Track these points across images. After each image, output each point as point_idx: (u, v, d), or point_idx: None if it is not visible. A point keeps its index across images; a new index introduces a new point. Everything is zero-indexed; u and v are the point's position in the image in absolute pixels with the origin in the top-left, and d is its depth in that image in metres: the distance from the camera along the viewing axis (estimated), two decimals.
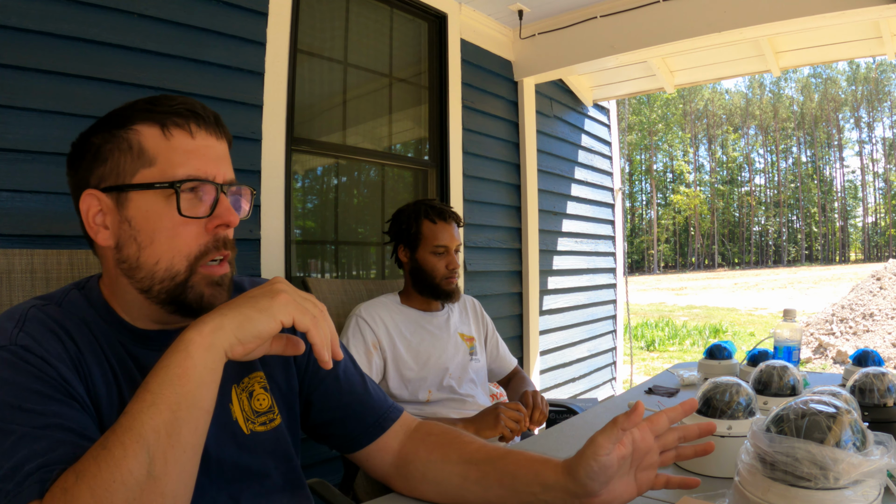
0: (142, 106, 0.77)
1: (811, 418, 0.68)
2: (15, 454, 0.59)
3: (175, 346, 0.65)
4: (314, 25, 2.63)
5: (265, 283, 0.72)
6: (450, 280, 1.81)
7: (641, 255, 57.54)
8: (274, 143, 2.29)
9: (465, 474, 0.83)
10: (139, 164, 0.75)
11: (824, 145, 55.81)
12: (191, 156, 0.76)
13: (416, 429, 0.94)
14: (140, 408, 0.61)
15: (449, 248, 1.81)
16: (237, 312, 0.67)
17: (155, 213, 0.74)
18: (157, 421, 0.60)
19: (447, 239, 1.81)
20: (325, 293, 1.95)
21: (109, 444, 0.58)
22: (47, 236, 1.72)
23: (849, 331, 7.82)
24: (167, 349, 0.65)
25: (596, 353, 4.62)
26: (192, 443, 0.63)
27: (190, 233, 0.75)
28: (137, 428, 0.59)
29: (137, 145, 0.75)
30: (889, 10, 2.62)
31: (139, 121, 0.76)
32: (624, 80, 4.36)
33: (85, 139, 0.79)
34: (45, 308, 0.74)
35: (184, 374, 0.63)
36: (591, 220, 4.64)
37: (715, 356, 1.82)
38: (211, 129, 0.79)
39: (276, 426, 0.87)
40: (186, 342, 0.65)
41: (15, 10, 1.66)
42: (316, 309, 0.71)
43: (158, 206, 0.74)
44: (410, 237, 1.83)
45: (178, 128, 0.76)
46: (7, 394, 0.63)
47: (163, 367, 0.64)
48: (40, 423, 0.62)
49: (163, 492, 0.59)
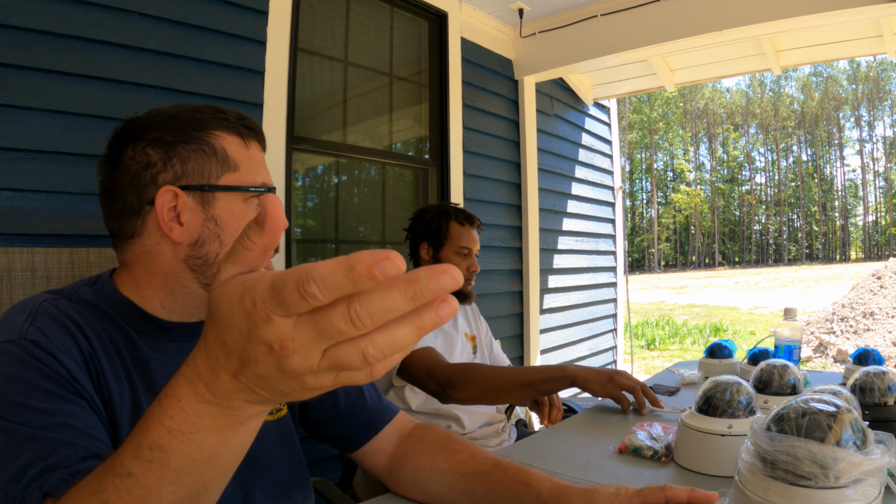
0: (212, 114, 0.81)
1: (812, 417, 0.68)
2: (20, 456, 0.59)
3: (218, 424, 0.44)
4: (314, 24, 2.63)
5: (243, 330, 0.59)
6: (468, 282, 1.87)
7: (642, 254, 57.52)
8: (274, 142, 2.29)
9: (453, 485, 0.84)
10: (224, 168, 0.80)
11: (825, 144, 55.78)
12: (259, 166, 0.84)
13: (410, 433, 0.94)
14: (158, 483, 0.47)
15: (472, 251, 1.87)
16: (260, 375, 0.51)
17: (239, 214, 0.80)
18: (180, 495, 0.48)
19: (472, 241, 1.86)
20: None
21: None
22: (48, 235, 1.72)
23: (849, 329, 7.82)
24: (199, 420, 0.44)
25: (596, 351, 4.62)
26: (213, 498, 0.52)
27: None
28: (154, 502, 0.47)
29: (222, 150, 0.80)
30: (889, 8, 2.61)
31: (218, 127, 0.81)
32: (624, 79, 4.36)
33: (138, 136, 0.79)
34: (56, 302, 0.73)
35: (224, 453, 0.47)
36: (591, 218, 4.64)
37: (715, 355, 1.83)
38: (263, 143, 0.87)
39: (283, 416, 0.88)
40: (235, 420, 0.44)
41: (15, 9, 1.66)
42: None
43: (240, 207, 0.81)
44: (437, 235, 1.86)
45: (252, 140, 0.84)
46: (14, 391, 0.63)
47: (195, 445, 0.45)
48: (45, 422, 0.61)
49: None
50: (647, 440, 1.08)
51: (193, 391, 0.43)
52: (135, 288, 0.80)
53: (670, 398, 1.57)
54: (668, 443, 1.07)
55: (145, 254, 0.80)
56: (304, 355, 0.35)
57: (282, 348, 0.35)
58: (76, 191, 1.75)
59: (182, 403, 0.44)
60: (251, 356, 0.37)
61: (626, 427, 1.16)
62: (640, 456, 1.06)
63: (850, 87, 53.09)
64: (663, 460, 1.04)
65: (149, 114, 0.81)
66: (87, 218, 1.78)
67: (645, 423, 1.14)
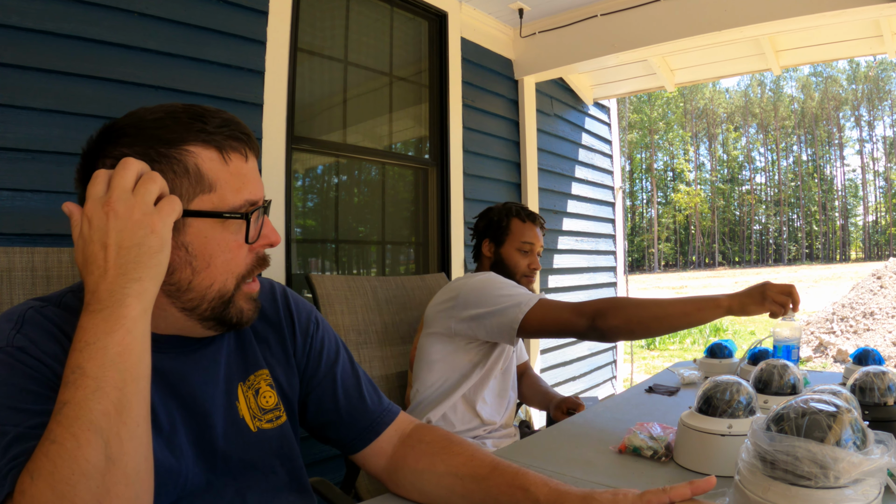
0: (187, 123, 0.72)
1: (811, 417, 0.68)
2: (8, 453, 0.59)
3: (104, 327, 0.62)
4: (314, 24, 2.63)
5: (136, 216, 0.66)
6: (529, 279, 1.86)
7: (642, 254, 57.52)
8: (274, 142, 2.29)
9: (451, 487, 0.83)
10: (198, 190, 0.72)
11: (825, 144, 55.78)
12: (246, 180, 0.75)
13: (409, 434, 0.93)
14: (84, 394, 0.58)
15: (534, 248, 1.88)
16: (129, 256, 0.65)
17: (214, 240, 0.73)
18: (105, 404, 0.59)
19: (534, 237, 1.87)
20: (328, 289, 1.94)
21: (59, 438, 0.57)
22: (48, 235, 1.72)
23: (849, 329, 7.81)
24: (96, 328, 0.62)
25: (596, 351, 4.62)
26: (143, 414, 0.62)
27: (241, 254, 0.77)
28: (86, 415, 0.58)
29: (195, 169, 0.71)
30: (889, 8, 2.61)
31: (194, 141, 0.71)
32: (624, 79, 4.36)
33: (106, 151, 0.71)
34: (43, 309, 0.73)
35: (125, 352, 0.62)
36: (591, 218, 4.63)
37: (715, 355, 1.83)
38: (254, 150, 0.78)
39: (282, 424, 0.87)
40: (118, 319, 0.62)
41: (15, 10, 1.66)
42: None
43: (216, 232, 0.73)
44: (499, 231, 1.87)
45: (235, 152, 0.74)
46: (3, 395, 0.63)
47: (98, 350, 0.61)
48: (35, 422, 0.62)
49: (125, 472, 0.59)
50: (647, 440, 1.08)
51: (87, 310, 0.64)
52: None
53: (670, 398, 1.57)
54: (667, 443, 1.07)
55: None
56: None
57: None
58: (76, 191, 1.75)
59: (83, 322, 0.63)
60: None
61: (626, 427, 1.16)
62: (639, 456, 1.06)
63: (850, 87, 53.07)
64: (663, 460, 1.04)
65: (126, 118, 0.73)
66: None
67: (645, 423, 1.15)
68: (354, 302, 1.95)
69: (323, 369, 0.94)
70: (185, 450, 0.76)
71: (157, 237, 0.66)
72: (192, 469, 0.76)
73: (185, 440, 0.76)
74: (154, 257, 0.66)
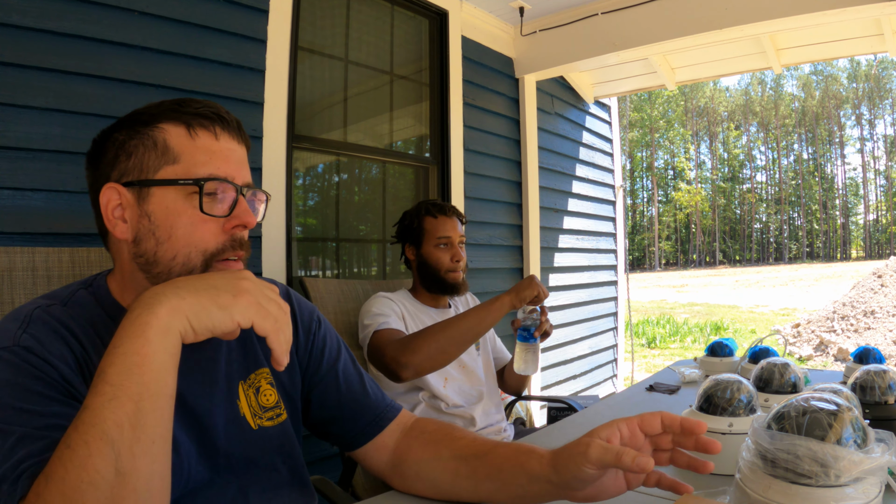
0: (168, 106, 0.78)
1: (812, 416, 0.68)
2: (14, 455, 0.59)
3: (130, 330, 0.60)
4: (315, 22, 2.63)
5: (230, 274, 0.70)
6: (455, 272, 1.84)
7: (642, 253, 57.51)
8: (275, 141, 2.29)
9: (456, 470, 0.84)
10: (163, 161, 0.76)
11: (825, 142, 55.73)
12: (214, 156, 0.77)
13: (411, 427, 0.95)
14: (101, 402, 0.57)
15: (452, 241, 1.85)
16: (196, 300, 0.64)
17: (175, 210, 0.75)
18: (119, 415, 0.57)
19: (449, 230, 1.85)
20: (321, 293, 1.95)
21: (73, 444, 0.56)
22: (49, 234, 1.72)
23: (850, 328, 7.81)
24: (119, 331, 0.61)
25: (597, 350, 4.62)
26: (160, 433, 0.60)
27: (208, 230, 0.76)
28: (100, 424, 0.56)
29: (163, 143, 0.76)
30: (890, 7, 2.61)
31: (165, 120, 0.77)
32: (625, 77, 4.36)
33: (107, 135, 0.79)
34: (49, 308, 0.73)
35: (144, 362, 0.59)
36: (592, 217, 4.63)
37: (716, 353, 1.83)
38: (233, 133, 0.80)
39: (283, 421, 0.88)
40: (142, 326, 0.60)
41: (15, 8, 1.66)
42: (279, 311, 0.68)
43: (178, 202, 0.75)
44: (414, 234, 1.88)
45: (203, 128, 0.78)
46: (8, 395, 0.63)
47: (120, 355, 0.59)
48: (40, 423, 0.62)
49: (135, 488, 0.56)
50: None
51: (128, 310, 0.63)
52: (118, 288, 0.81)
53: (671, 396, 1.57)
54: None
55: (114, 252, 0.81)
56: None
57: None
58: (77, 190, 1.76)
59: (121, 321, 0.63)
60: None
61: None
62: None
63: (851, 85, 53.01)
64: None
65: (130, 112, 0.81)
66: (87, 217, 1.77)
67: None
68: (347, 305, 1.96)
69: (325, 366, 0.94)
70: (187, 446, 0.76)
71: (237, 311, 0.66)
72: (195, 465, 0.76)
73: (186, 437, 0.76)
74: (211, 311, 0.65)
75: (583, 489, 0.71)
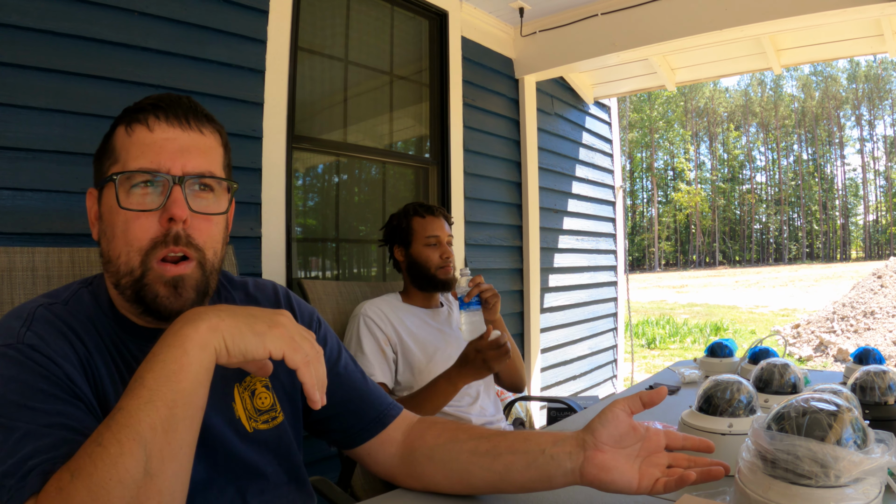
0: (131, 108, 0.80)
1: (812, 416, 0.68)
2: (19, 451, 0.59)
3: (170, 341, 0.63)
4: (315, 23, 2.63)
5: (270, 310, 0.71)
6: (445, 269, 1.87)
7: (642, 253, 57.52)
8: (275, 141, 2.29)
9: (475, 449, 0.84)
10: (110, 163, 0.78)
11: (825, 143, 55.74)
12: (147, 149, 0.75)
13: (419, 420, 0.95)
14: (137, 404, 0.59)
15: (440, 239, 1.88)
16: (234, 323, 0.66)
17: (110, 207, 0.76)
18: (154, 418, 0.59)
19: (437, 229, 1.88)
20: (320, 294, 1.96)
21: (105, 442, 0.57)
22: (48, 234, 1.72)
23: (850, 329, 7.81)
24: (159, 342, 0.64)
25: (597, 350, 4.62)
26: (188, 440, 0.62)
27: (140, 226, 0.74)
28: (134, 425, 0.58)
29: (111, 145, 0.79)
30: (890, 7, 2.61)
31: (117, 123, 0.80)
32: (625, 78, 4.36)
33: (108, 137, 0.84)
34: (52, 307, 0.74)
35: (181, 371, 0.62)
36: (592, 217, 4.63)
37: (716, 353, 1.83)
38: (175, 120, 0.77)
39: (279, 424, 0.88)
40: (182, 338, 0.63)
41: (15, 8, 1.66)
42: (312, 350, 0.69)
43: (113, 199, 0.75)
44: (403, 234, 1.91)
45: (137, 123, 0.77)
46: (13, 392, 0.63)
47: (159, 362, 0.62)
48: (45, 421, 0.62)
49: (160, 489, 0.58)
50: None
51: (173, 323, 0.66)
52: (110, 287, 0.81)
53: (671, 397, 1.57)
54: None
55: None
56: None
57: None
58: (77, 190, 1.76)
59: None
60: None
61: None
62: None
63: (851, 86, 53.02)
64: None
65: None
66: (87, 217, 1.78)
67: (645, 422, 1.14)
68: (345, 307, 1.97)
69: (327, 366, 0.94)
70: None
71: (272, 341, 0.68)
72: (194, 466, 0.76)
73: None
74: (246, 336, 0.67)
75: (604, 447, 0.76)
